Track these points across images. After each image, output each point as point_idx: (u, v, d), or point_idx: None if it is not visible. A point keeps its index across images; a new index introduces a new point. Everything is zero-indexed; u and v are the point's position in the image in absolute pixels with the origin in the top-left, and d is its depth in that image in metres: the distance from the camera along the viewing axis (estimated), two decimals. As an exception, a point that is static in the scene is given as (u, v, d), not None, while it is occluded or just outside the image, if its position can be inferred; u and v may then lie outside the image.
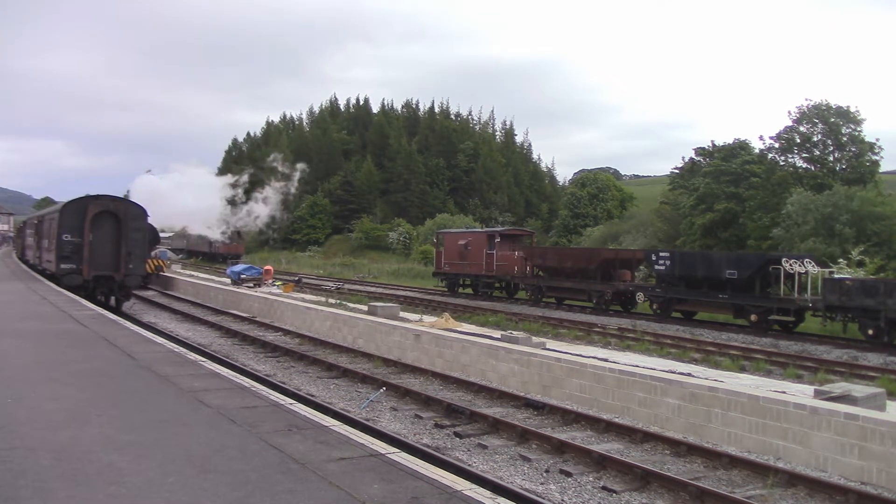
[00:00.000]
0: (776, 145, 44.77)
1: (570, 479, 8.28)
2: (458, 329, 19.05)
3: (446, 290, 36.34)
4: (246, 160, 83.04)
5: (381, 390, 12.70)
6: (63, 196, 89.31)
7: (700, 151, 53.30)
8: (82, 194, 24.83)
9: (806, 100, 44.32)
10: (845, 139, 42.51)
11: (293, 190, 51.77)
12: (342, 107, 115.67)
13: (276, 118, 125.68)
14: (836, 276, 23.13)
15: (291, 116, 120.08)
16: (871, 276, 25.57)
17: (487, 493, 5.42)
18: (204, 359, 11.20)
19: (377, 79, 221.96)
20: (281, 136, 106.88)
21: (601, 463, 8.68)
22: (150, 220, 32.13)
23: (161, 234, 39.60)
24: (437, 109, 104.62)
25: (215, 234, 48.73)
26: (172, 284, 34.91)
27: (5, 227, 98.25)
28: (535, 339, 16.18)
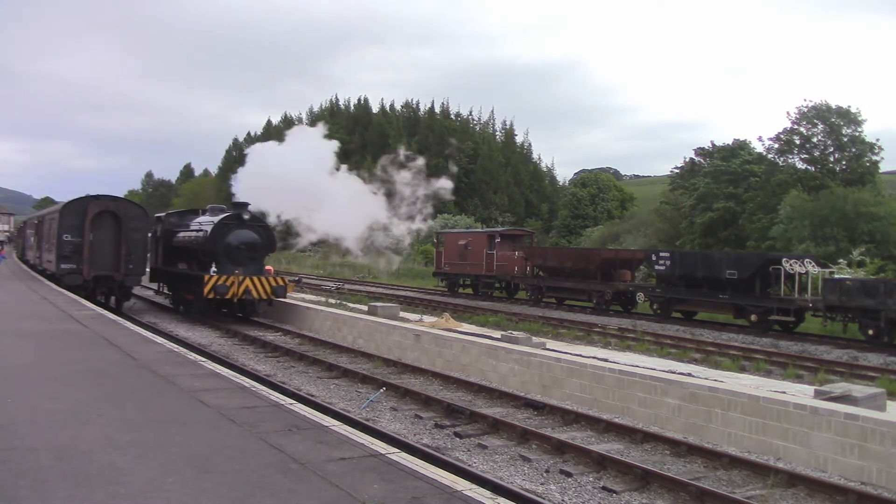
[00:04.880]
0: (775, 146, 44.78)
1: (570, 480, 8.28)
2: (459, 329, 19.07)
3: (446, 290, 36.35)
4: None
5: (382, 390, 12.70)
6: (63, 196, 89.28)
7: (700, 152, 53.36)
8: (82, 194, 24.77)
9: (805, 100, 44.30)
10: (846, 140, 42.49)
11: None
12: (342, 107, 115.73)
13: (278, 118, 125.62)
14: (836, 276, 23.15)
15: (292, 116, 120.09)
16: (871, 276, 25.59)
17: (487, 493, 5.42)
18: (204, 359, 11.20)
19: (386, 81, 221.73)
20: (281, 135, 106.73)
21: (601, 463, 8.67)
22: (259, 216, 21.69)
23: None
24: (437, 110, 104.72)
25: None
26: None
27: (5, 227, 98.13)
28: (535, 340, 16.20)
